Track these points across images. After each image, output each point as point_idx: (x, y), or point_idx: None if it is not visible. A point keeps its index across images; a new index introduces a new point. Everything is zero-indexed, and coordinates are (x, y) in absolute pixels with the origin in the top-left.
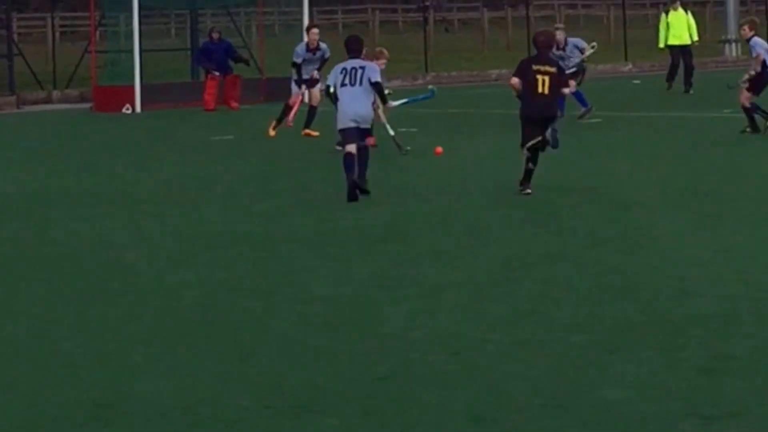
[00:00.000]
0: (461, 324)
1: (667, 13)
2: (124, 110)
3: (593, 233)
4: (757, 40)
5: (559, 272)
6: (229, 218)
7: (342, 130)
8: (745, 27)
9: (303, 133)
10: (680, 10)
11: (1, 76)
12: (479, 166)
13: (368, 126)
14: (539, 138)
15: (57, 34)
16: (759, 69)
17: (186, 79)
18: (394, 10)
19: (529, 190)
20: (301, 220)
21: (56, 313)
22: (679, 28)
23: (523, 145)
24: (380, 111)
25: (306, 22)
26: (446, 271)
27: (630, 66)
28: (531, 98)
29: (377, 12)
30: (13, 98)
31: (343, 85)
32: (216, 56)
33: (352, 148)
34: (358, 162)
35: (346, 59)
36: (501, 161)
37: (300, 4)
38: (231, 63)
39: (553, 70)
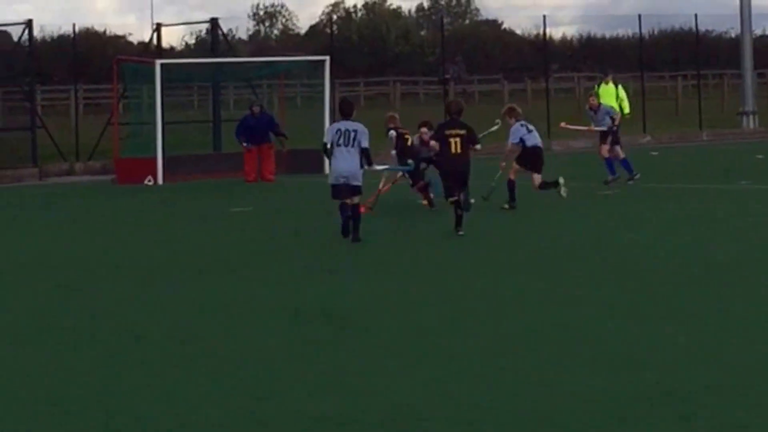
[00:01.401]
0: (473, 393)
1: (598, 86)
2: (146, 182)
3: (609, 303)
4: None
5: (569, 340)
6: (241, 287)
7: (333, 186)
8: None
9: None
10: (611, 84)
11: (24, 148)
12: (489, 238)
13: (358, 183)
14: (456, 198)
15: (80, 107)
16: None
17: (208, 150)
18: (415, 82)
19: (461, 233)
20: (314, 290)
21: (74, 381)
22: (609, 99)
23: (446, 198)
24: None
25: (327, 95)
26: (460, 340)
27: (648, 138)
28: (447, 157)
29: (398, 84)
30: (35, 170)
31: (337, 144)
32: (257, 130)
33: (347, 201)
34: (353, 218)
35: (340, 120)
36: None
37: (322, 77)
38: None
39: (463, 132)
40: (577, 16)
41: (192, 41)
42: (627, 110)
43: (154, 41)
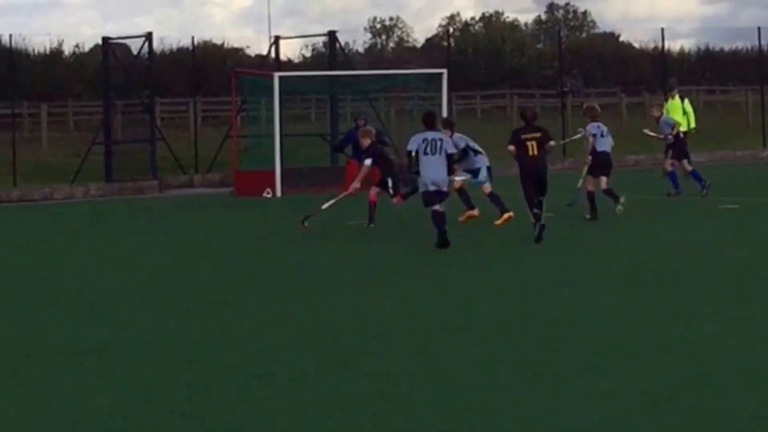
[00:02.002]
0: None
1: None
2: (264, 194)
3: (729, 319)
4: None
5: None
6: (358, 302)
7: (425, 193)
8: None
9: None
10: (677, 98)
11: (143, 160)
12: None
13: (446, 189)
14: (536, 211)
15: (199, 119)
16: None
17: (326, 163)
18: (532, 95)
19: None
20: (435, 302)
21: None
22: (676, 114)
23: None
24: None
25: (444, 108)
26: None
27: None
28: (524, 159)
29: (515, 97)
30: (155, 182)
31: (425, 153)
32: (356, 143)
33: (437, 206)
34: (436, 220)
35: (424, 131)
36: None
37: (439, 90)
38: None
39: (538, 135)
40: (695, 28)
41: (309, 54)
42: (693, 125)
43: (273, 54)
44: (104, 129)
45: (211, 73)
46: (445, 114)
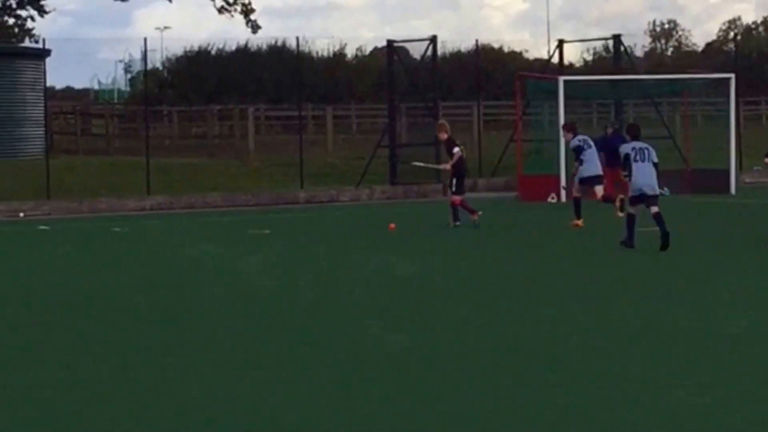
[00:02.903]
0: None
1: None
2: (549, 199)
3: None
4: None
5: None
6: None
7: (632, 197)
8: None
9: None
10: None
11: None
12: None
13: (656, 193)
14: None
15: (481, 122)
16: None
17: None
18: None
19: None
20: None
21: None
22: None
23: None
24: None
25: (733, 113)
26: None
27: None
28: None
29: None
30: (439, 186)
31: (635, 160)
32: (608, 150)
33: (635, 210)
34: (657, 221)
35: (631, 141)
36: None
37: (723, 95)
38: None
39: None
40: None
41: (589, 58)
42: None
43: (556, 57)
44: (389, 132)
45: (492, 76)
46: (732, 120)
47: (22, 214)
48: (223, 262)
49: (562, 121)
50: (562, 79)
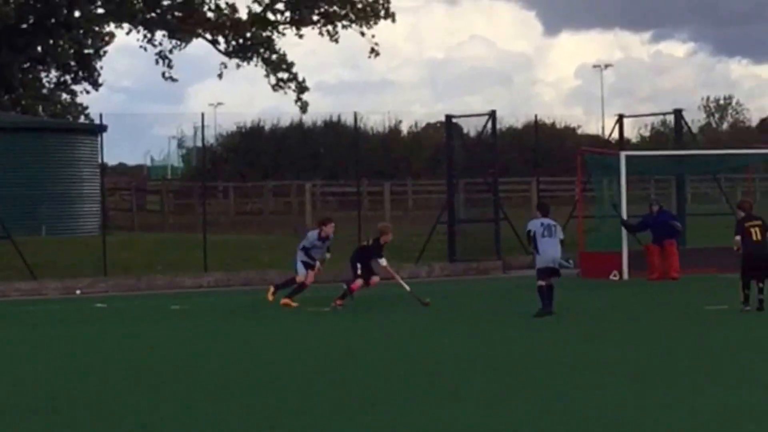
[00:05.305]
0: None
1: None
2: (611, 277)
3: None
4: None
5: None
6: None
7: (540, 270)
8: None
9: (283, 302)
10: None
11: (487, 240)
12: None
13: (557, 266)
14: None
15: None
16: None
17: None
18: None
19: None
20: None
21: None
22: None
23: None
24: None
25: None
26: None
27: None
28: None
29: None
30: (499, 263)
31: (543, 236)
32: (656, 228)
33: (548, 281)
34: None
35: (540, 217)
36: None
37: None
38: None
39: (759, 222)
40: None
41: (646, 133)
42: None
43: (615, 133)
44: (448, 208)
45: (549, 151)
46: None
47: (78, 291)
48: (281, 338)
49: (624, 197)
50: (623, 154)
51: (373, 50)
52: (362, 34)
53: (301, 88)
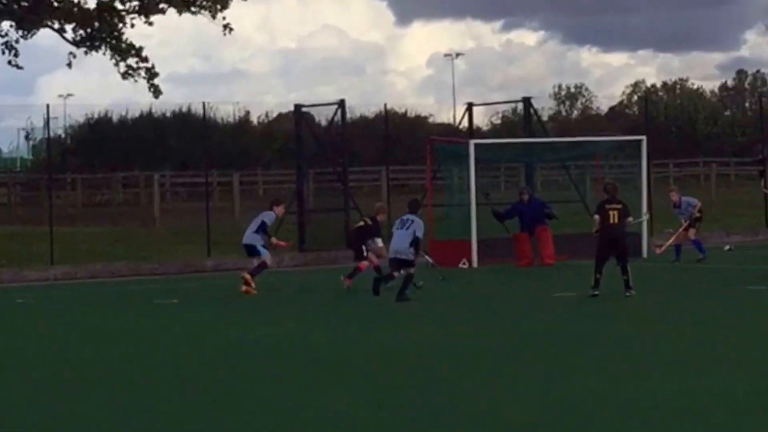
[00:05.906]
0: None
1: None
2: (460, 265)
3: None
4: None
5: None
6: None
7: (390, 259)
8: None
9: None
10: None
11: (337, 230)
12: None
13: (404, 258)
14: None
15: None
16: None
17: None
18: (727, 164)
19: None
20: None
21: None
22: None
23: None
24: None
25: (644, 176)
26: None
27: None
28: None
29: (713, 165)
30: (350, 252)
31: (397, 228)
32: (527, 215)
33: (396, 270)
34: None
35: (407, 213)
36: None
37: (631, 158)
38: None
39: (619, 207)
40: None
41: (497, 121)
42: None
43: (465, 121)
44: (297, 198)
45: (400, 141)
46: (645, 182)
47: None
48: (129, 332)
49: (473, 185)
50: (472, 142)
51: (226, 27)
52: (213, 17)
53: (152, 74)
